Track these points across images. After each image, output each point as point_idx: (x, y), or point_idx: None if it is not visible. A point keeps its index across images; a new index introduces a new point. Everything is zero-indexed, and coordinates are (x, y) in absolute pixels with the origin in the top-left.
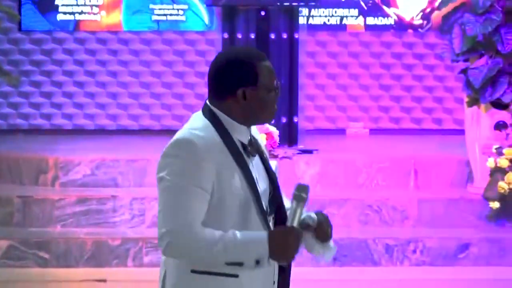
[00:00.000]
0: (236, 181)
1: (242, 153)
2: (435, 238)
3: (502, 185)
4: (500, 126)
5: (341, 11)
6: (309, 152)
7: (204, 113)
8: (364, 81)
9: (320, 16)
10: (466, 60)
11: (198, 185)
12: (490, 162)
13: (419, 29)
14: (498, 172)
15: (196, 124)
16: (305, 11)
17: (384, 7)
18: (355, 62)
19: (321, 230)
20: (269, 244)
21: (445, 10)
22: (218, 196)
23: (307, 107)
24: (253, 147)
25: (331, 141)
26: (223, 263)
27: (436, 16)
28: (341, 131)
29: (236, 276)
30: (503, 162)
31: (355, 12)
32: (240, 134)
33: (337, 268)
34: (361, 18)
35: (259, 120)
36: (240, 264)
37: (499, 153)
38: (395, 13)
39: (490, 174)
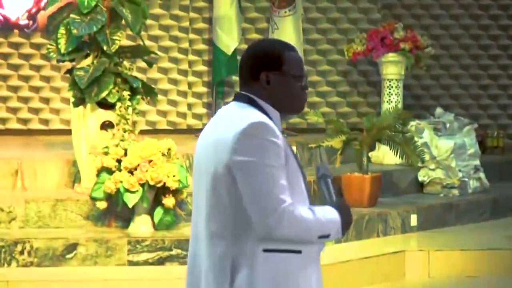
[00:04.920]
0: (292, 160)
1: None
2: (43, 238)
3: (109, 185)
4: (106, 126)
5: None
6: None
7: (241, 101)
8: None
9: None
10: (72, 60)
11: (282, 163)
12: (97, 162)
13: (25, 29)
14: (104, 172)
15: (248, 112)
16: None
17: None
18: None
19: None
20: (341, 219)
21: (50, 10)
22: (287, 172)
23: None
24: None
25: None
26: (316, 237)
27: (42, 16)
28: None
29: (299, 252)
30: (110, 162)
31: None
32: (275, 119)
33: None
34: None
35: (287, 110)
36: (326, 236)
37: (106, 152)
38: (0, 13)
39: (97, 174)
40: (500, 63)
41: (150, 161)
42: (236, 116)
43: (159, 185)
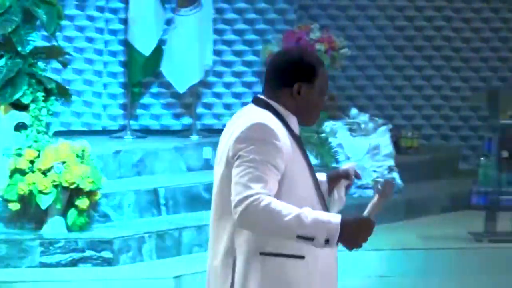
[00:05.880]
0: (303, 166)
1: (301, 141)
2: None
3: (22, 186)
4: (20, 127)
5: None
6: None
7: (258, 105)
8: None
9: None
10: None
11: (274, 164)
12: (10, 163)
13: None
14: (17, 173)
15: (258, 114)
16: None
17: None
18: None
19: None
20: (341, 229)
21: None
22: (289, 176)
23: None
24: (301, 140)
25: None
26: (295, 235)
27: None
28: None
29: (302, 257)
30: (23, 163)
31: None
32: (293, 125)
33: None
34: None
35: (306, 120)
36: (311, 239)
37: (19, 154)
38: None
39: (10, 175)
40: (415, 64)
41: (64, 162)
42: (250, 117)
43: (72, 187)
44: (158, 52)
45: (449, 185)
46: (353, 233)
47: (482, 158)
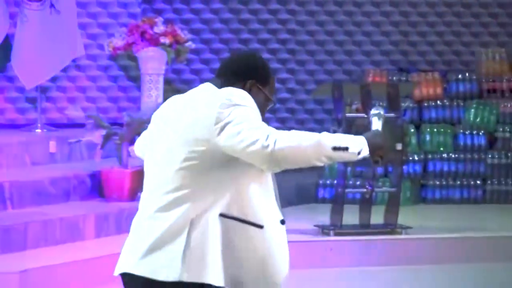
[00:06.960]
0: None
1: None
2: None
3: None
4: None
5: None
6: None
7: (216, 84)
8: None
9: None
10: None
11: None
12: None
13: None
14: None
15: (229, 88)
16: None
17: None
18: None
19: None
20: (367, 141)
21: None
22: None
23: None
24: None
25: None
26: (330, 148)
27: None
28: None
29: (261, 227)
30: None
31: None
32: None
33: None
34: None
35: None
36: (345, 148)
37: None
38: None
39: None
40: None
41: None
42: (223, 90)
43: None
44: (7, 46)
45: (295, 178)
46: (378, 143)
47: None
